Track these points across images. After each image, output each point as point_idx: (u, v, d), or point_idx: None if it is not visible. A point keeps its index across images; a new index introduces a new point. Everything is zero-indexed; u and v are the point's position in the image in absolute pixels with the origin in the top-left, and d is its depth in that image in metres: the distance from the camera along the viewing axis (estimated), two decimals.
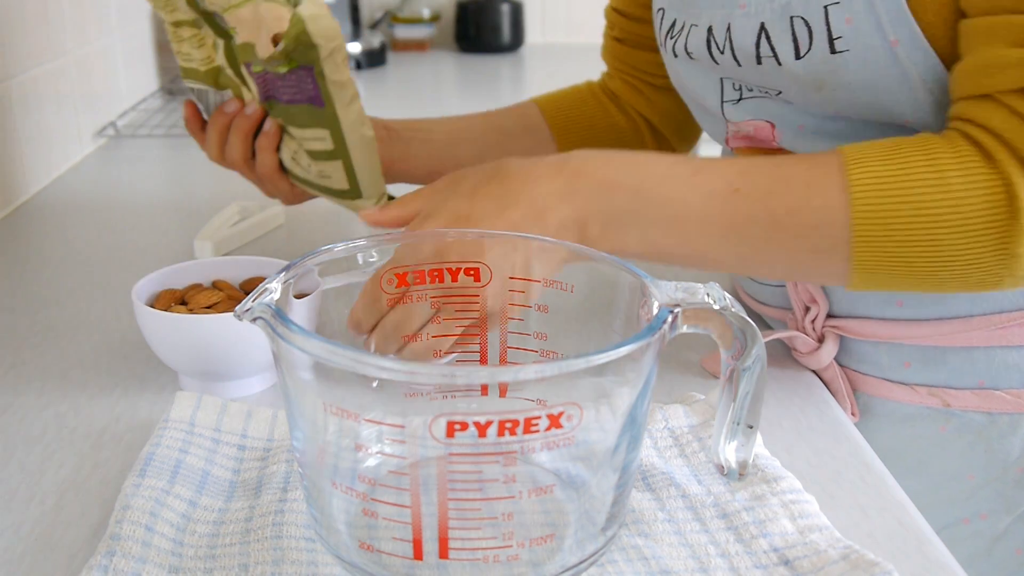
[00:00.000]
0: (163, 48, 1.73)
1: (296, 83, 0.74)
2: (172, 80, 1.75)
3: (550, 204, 0.59)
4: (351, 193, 0.79)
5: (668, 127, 0.93)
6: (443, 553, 0.45)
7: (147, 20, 1.65)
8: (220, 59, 0.80)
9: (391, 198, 0.81)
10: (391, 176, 0.87)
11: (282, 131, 0.81)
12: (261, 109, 0.81)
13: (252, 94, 0.80)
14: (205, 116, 0.85)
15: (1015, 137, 0.56)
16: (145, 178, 1.27)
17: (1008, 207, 0.55)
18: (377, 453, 0.48)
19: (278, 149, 0.82)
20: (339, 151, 0.77)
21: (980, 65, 0.57)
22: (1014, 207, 0.55)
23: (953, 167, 0.56)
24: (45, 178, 1.21)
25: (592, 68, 1.05)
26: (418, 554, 0.45)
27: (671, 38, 0.73)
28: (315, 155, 0.78)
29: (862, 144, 0.59)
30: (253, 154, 0.83)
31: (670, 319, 0.48)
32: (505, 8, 2.22)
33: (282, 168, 0.83)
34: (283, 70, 0.73)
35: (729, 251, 0.60)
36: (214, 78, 0.82)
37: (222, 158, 0.85)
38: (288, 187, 0.84)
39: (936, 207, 0.56)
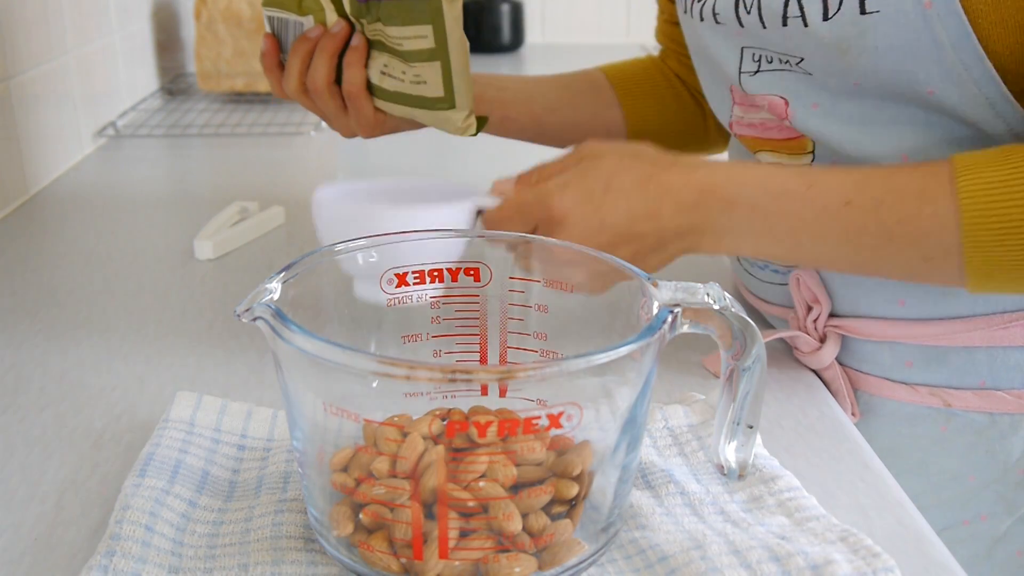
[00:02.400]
0: (163, 48, 1.73)
1: None
2: (172, 80, 1.75)
3: (675, 215, 0.62)
4: (444, 102, 0.78)
5: None
6: (443, 553, 0.45)
7: (147, 20, 1.65)
8: None
9: (480, 120, 0.80)
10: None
11: (369, 47, 0.80)
12: (347, 27, 0.80)
13: (336, 15, 0.79)
14: (283, 53, 0.84)
15: None
16: (145, 178, 1.27)
17: None
18: (377, 453, 0.48)
19: (366, 66, 0.81)
20: (439, 51, 0.76)
21: None
22: None
23: None
24: (45, 178, 1.21)
25: None
26: (418, 554, 0.45)
27: (699, 1, 0.73)
28: (413, 56, 0.77)
29: (973, 152, 0.60)
30: (337, 78, 0.82)
31: (670, 319, 0.48)
32: (505, 8, 2.22)
33: (368, 89, 0.82)
34: None
35: (842, 259, 0.63)
36: (298, 2, 0.82)
37: (302, 88, 0.83)
38: (371, 111, 0.82)
39: None
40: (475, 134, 0.80)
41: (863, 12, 0.60)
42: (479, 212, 0.67)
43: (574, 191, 0.64)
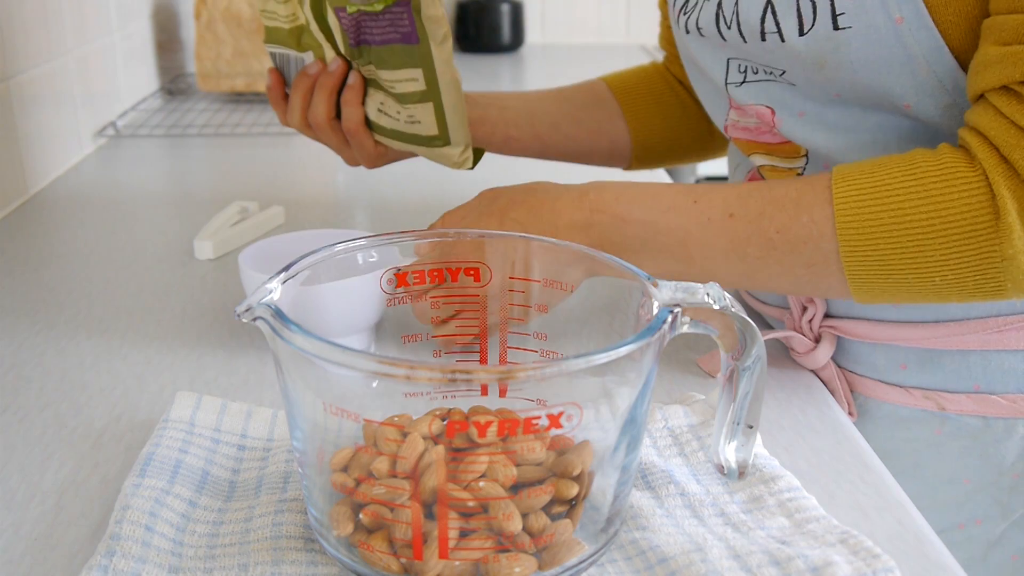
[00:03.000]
0: (163, 48, 1.73)
1: (390, 21, 0.75)
2: (172, 80, 1.75)
3: (571, 235, 0.65)
4: (440, 139, 0.79)
5: None
6: (443, 553, 0.45)
7: (147, 20, 1.65)
8: (306, 13, 0.80)
9: (476, 153, 0.81)
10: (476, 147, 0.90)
11: (366, 85, 0.81)
12: (344, 65, 0.81)
13: (334, 52, 0.80)
14: (287, 86, 0.85)
15: (998, 136, 0.56)
16: (145, 178, 1.27)
17: (990, 208, 0.56)
18: (377, 453, 0.48)
19: (363, 103, 0.82)
20: (431, 92, 0.77)
21: (974, 65, 0.57)
22: (996, 207, 0.55)
23: (932, 173, 0.57)
24: (45, 178, 1.21)
25: (592, 68, 1.06)
26: (418, 554, 0.45)
27: (684, 14, 0.74)
28: (406, 98, 0.78)
29: (852, 163, 0.61)
30: (337, 113, 0.83)
31: (670, 319, 0.48)
32: (505, 8, 2.22)
33: (367, 125, 0.83)
34: (379, 7, 0.74)
35: (732, 270, 0.64)
36: (297, 38, 0.82)
37: (305, 122, 0.84)
38: (372, 145, 0.84)
39: (917, 215, 0.57)
40: (472, 167, 0.81)
41: (836, 28, 0.61)
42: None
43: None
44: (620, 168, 0.98)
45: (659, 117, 0.95)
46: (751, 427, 0.53)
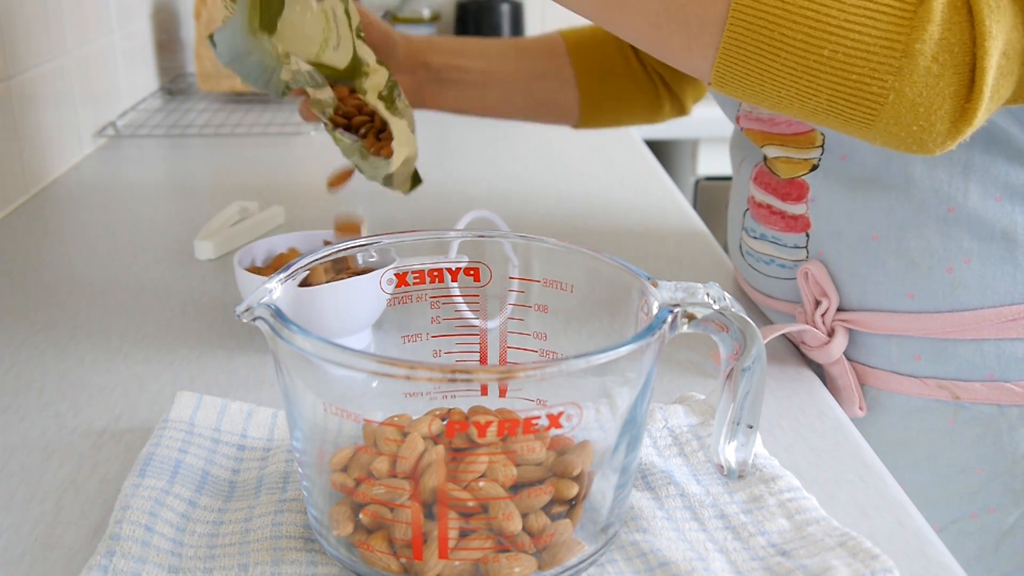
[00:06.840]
0: (163, 48, 1.73)
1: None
2: (172, 80, 1.75)
3: None
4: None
5: (679, 83, 0.99)
6: (443, 553, 0.45)
7: (147, 20, 1.65)
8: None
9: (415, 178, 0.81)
10: (427, 108, 0.94)
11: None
12: None
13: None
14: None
15: None
16: (145, 178, 1.27)
17: None
18: (377, 453, 0.48)
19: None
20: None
21: None
22: None
23: None
24: (45, 178, 1.21)
25: None
26: (418, 554, 0.45)
27: None
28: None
29: None
30: None
31: (670, 319, 0.48)
32: (505, 8, 2.22)
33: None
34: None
35: None
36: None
37: None
38: None
39: None
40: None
41: None
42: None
43: None
44: (567, 126, 1.02)
45: (612, 87, 0.97)
46: (751, 427, 0.53)
